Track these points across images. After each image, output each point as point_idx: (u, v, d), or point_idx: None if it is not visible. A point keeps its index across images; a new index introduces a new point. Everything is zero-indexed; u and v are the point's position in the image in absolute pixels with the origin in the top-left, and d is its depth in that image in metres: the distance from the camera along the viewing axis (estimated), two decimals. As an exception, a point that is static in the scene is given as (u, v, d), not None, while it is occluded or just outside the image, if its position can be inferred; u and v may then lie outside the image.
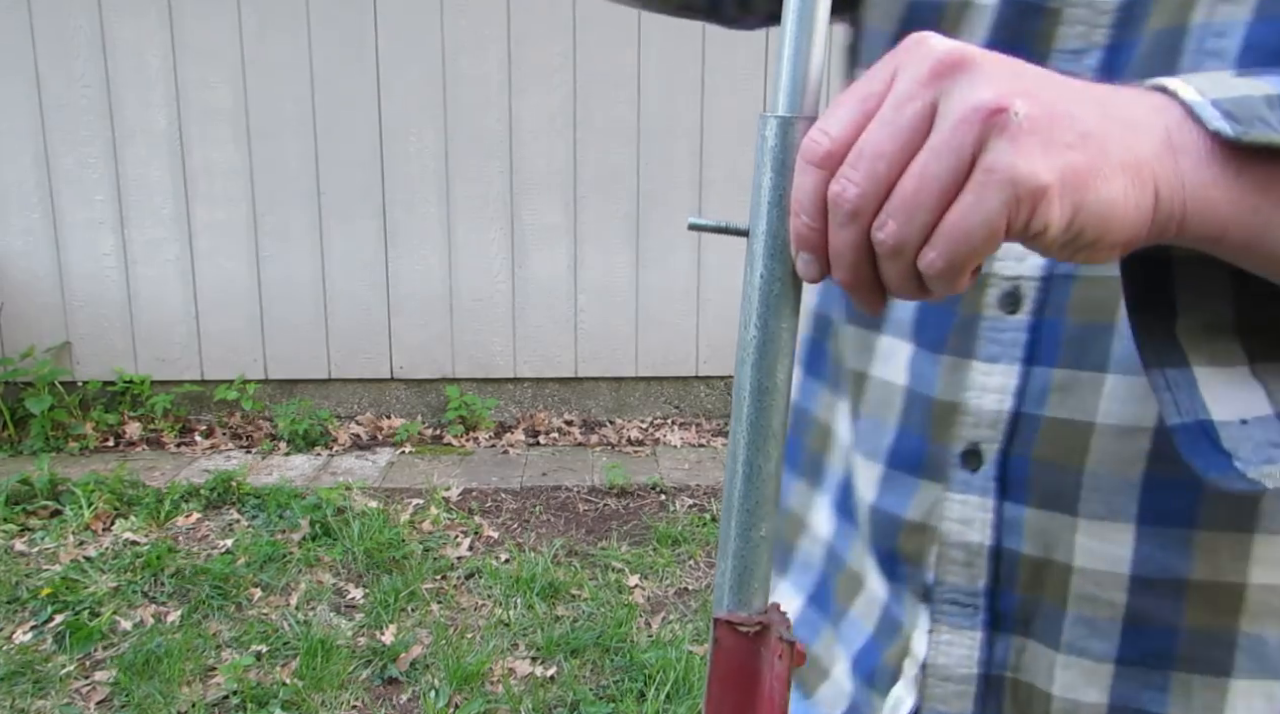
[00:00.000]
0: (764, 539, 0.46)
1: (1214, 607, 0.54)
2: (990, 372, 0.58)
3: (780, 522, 0.78)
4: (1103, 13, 0.54)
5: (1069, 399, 0.55)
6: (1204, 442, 0.46)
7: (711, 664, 0.47)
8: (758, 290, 0.44)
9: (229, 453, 3.89)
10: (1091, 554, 0.56)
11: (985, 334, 0.58)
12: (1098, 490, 0.55)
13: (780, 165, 0.44)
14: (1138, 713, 0.57)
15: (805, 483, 0.76)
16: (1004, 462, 0.58)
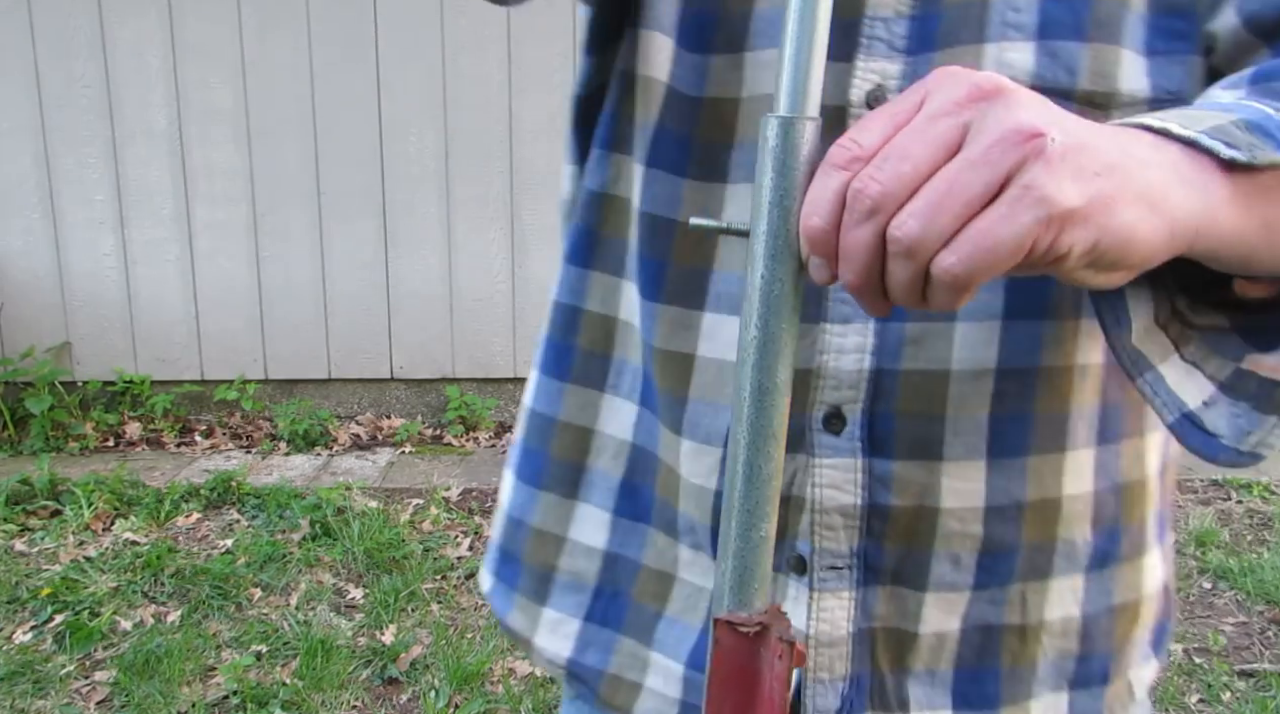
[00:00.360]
0: (764, 539, 0.46)
1: (1041, 521, 0.61)
2: (845, 332, 0.59)
3: (520, 542, 0.75)
4: None
5: (923, 350, 0.58)
6: (1195, 430, 0.49)
7: (711, 665, 0.47)
8: (758, 291, 0.44)
9: (229, 453, 3.89)
10: (956, 494, 0.59)
11: (834, 295, 0.59)
12: (958, 434, 0.59)
13: (781, 165, 0.43)
14: (984, 628, 0.62)
15: (555, 496, 0.72)
16: (869, 420, 0.59)
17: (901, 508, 0.60)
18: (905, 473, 0.59)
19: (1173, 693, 2.39)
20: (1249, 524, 3.34)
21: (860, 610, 0.62)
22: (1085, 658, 0.65)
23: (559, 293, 0.72)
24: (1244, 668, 2.50)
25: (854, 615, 0.62)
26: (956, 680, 0.63)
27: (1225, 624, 2.72)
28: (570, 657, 0.72)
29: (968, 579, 0.61)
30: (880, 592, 0.62)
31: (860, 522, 0.60)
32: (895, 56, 0.57)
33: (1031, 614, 0.63)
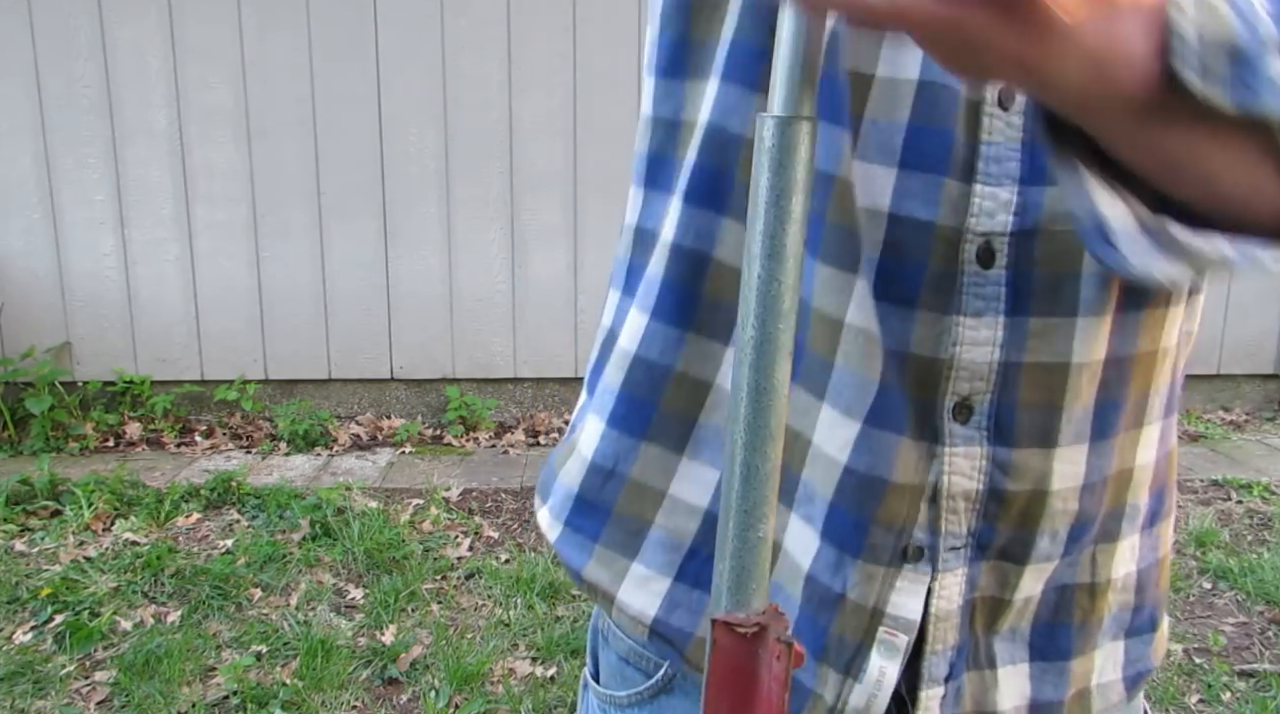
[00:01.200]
0: (762, 540, 0.46)
1: (1117, 490, 0.65)
2: (977, 325, 0.60)
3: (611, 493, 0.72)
4: None
5: (1046, 343, 0.60)
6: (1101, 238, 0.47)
7: (709, 665, 0.47)
8: (755, 290, 0.44)
9: (229, 453, 3.89)
10: (1063, 476, 0.62)
11: (969, 289, 0.60)
12: (1070, 421, 0.62)
13: (778, 165, 0.43)
14: (1060, 588, 0.67)
15: (660, 449, 0.69)
16: (994, 410, 0.61)
17: (1016, 493, 0.62)
18: (1022, 460, 0.62)
19: (1173, 693, 2.39)
20: (1249, 524, 3.33)
21: (968, 584, 0.65)
22: (1139, 608, 0.71)
23: (678, 235, 0.67)
24: (1244, 668, 2.50)
25: (964, 590, 0.64)
26: (1034, 635, 0.68)
27: (1225, 624, 2.71)
28: (656, 616, 0.70)
29: (1059, 550, 0.65)
30: (984, 566, 0.65)
31: (979, 505, 0.63)
32: None
33: (1100, 573, 0.68)
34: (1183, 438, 4.18)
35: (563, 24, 3.96)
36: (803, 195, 0.44)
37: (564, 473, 0.76)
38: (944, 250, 0.60)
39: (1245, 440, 4.17)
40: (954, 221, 0.59)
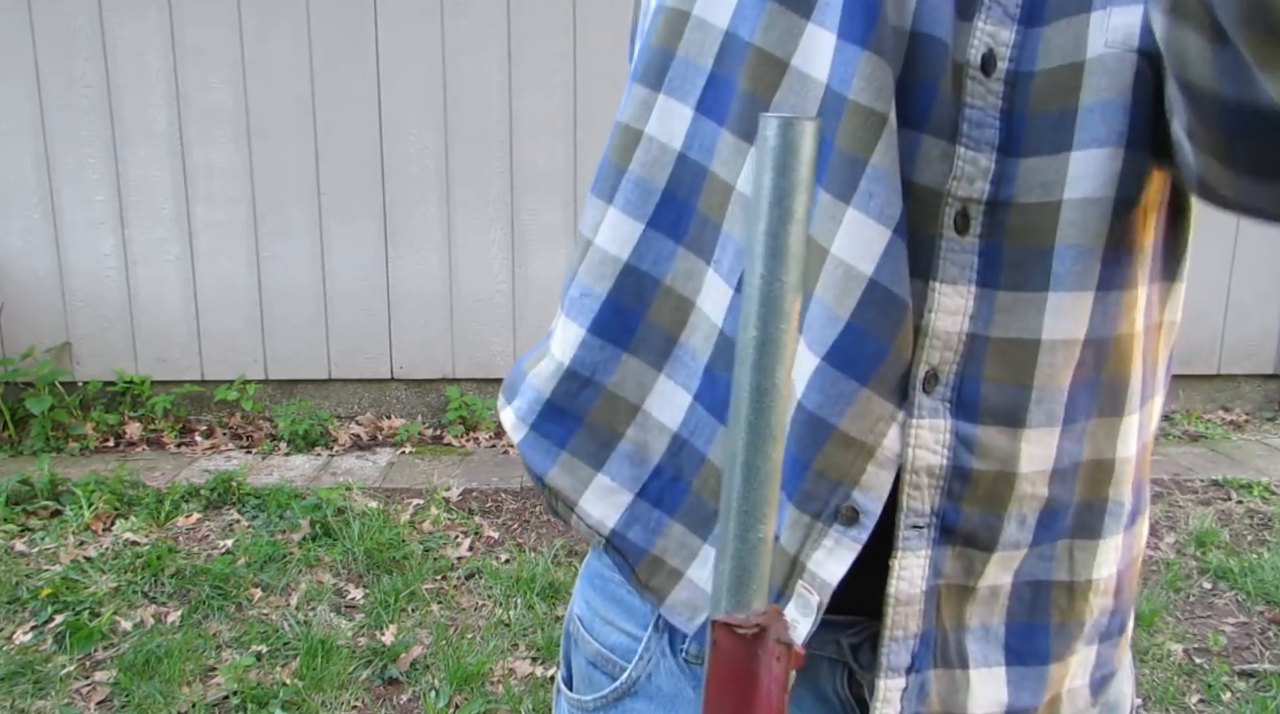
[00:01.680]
0: (762, 541, 0.46)
1: (1095, 482, 0.63)
2: (950, 293, 0.59)
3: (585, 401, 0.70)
4: None
5: (1015, 319, 0.58)
6: None
7: (709, 666, 0.47)
8: (757, 290, 0.44)
9: (229, 453, 3.89)
10: (1032, 458, 0.60)
11: (946, 255, 0.58)
12: (1040, 402, 0.59)
13: (780, 165, 0.43)
14: (1034, 584, 0.64)
15: (640, 362, 0.68)
16: (959, 383, 0.59)
17: (982, 472, 0.60)
18: (988, 438, 0.60)
19: (1173, 693, 2.39)
20: (1249, 524, 3.33)
21: (931, 569, 0.62)
22: (1114, 612, 0.68)
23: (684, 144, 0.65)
24: (1244, 668, 2.50)
25: (927, 574, 0.62)
26: (1009, 635, 0.65)
27: (1225, 624, 2.71)
28: (614, 528, 0.69)
29: (1028, 537, 0.62)
30: (949, 551, 0.62)
31: (943, 483, 0.60)
32: (1008, 23, 0.57)
33: (1080, 572, 0.64)
34: (1183, 438, 4.18)
35: (563, 24, 3.96)
36: (805, 195, 0.44)
37: (534, 375, 0.73)
38: (924, 211, 0.59)
39: (1245, 440, 4.17)
40: (935, 183, 0.58)
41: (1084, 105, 0.56)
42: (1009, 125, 0.58)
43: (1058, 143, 0.57)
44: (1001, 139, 0.58)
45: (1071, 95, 0.56)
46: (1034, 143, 0.57)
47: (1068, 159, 0.57)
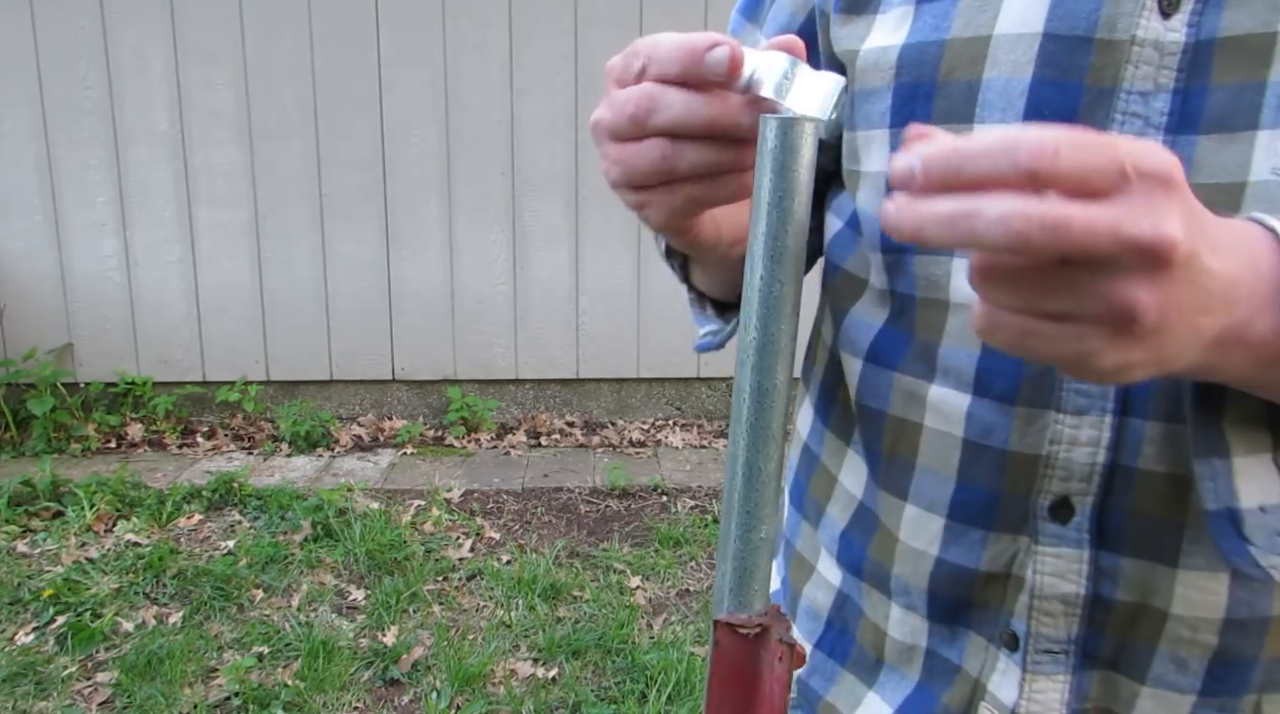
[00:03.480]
0: (764, 541, 0.46)
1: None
2: (1079, 424, 0.57)
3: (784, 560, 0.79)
4: (1170, 54, 0.53)
5: (1166, 452, 0.55)
6: (1229, 527, 0.48)
7: (711, 666, 0.47)
8: (757, 292, 0.44)
9: (231, 454, 3.89)
10: (1189, 602, 0.56)
11: (1069, 385, 0.57)
12: (1198, 543, 0.55)
13: (780, 167, 0.43)
14: None
15: (810, 526, 0.75)
16: (1099, 513, 0.57)
17: (1127, 603, 0.58)
18: (1135, 571, 0.57)
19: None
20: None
21: (1074, 694, 0.61)
22: None
23: None
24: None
25: (1068, 699, 0.61)
26: None
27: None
28: (801, 677, 0.76)
29: (1194, 684, 0.58)
30: (1095, 675, 0.60)
31: (1082, 610, 0.59)
32: (1152, 134, 0.53)
33: None
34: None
35: (564, 25, 3.96)
36: (804, 197, 0.44)
37: None
38: None
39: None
40: None
41: None
42: None
43: None
44: None
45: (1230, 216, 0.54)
46: None
47: None
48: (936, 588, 0.64)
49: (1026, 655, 0.60)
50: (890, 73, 0.61)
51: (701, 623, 2.70)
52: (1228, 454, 0.47)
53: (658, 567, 3.00)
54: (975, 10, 0.58)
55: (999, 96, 0.56)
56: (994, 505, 0.60)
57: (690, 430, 4.21)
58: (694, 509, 3.43)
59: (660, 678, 2.39)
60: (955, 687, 0.65)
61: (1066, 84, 0.54)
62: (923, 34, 0.60)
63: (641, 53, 0.47)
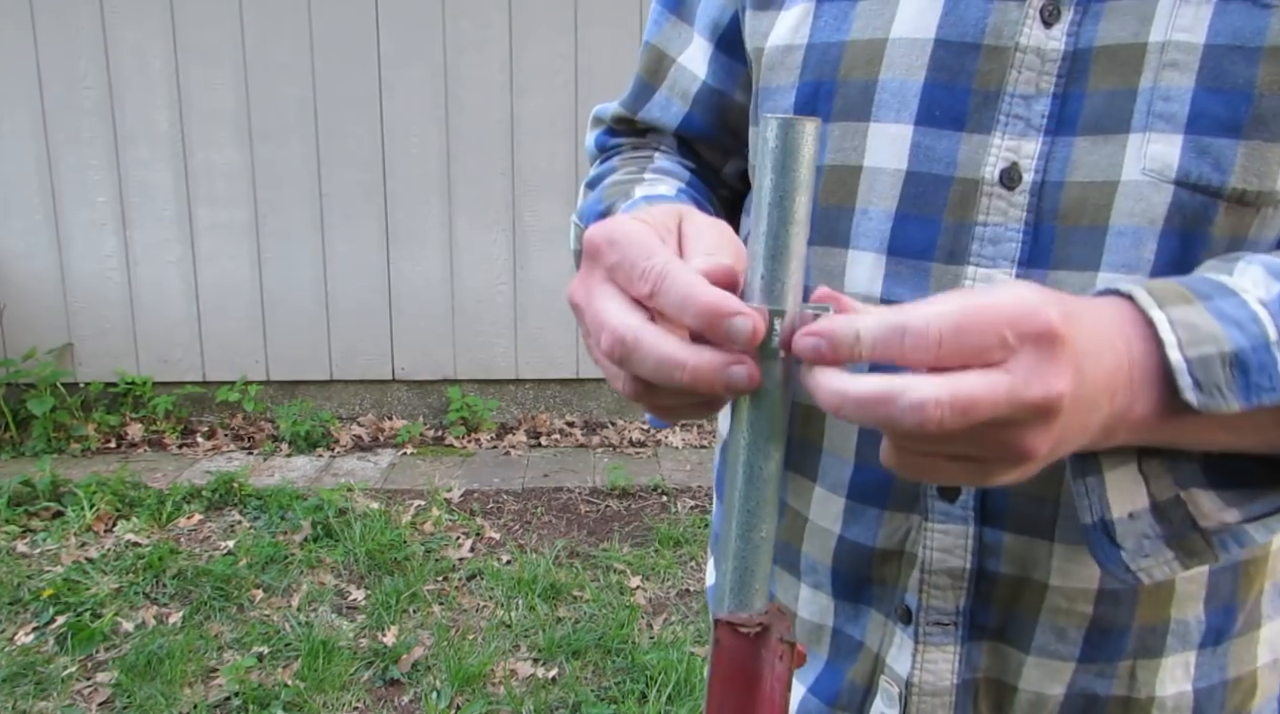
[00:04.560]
0: (764, 540, 0.46)
1: (1155, 603, 0.62)
2: None
3: None
4: (1051, 60, 0.57)
5: None
6: (1103, 537, 0.52)
7: (712, 665, 0.47)
8: (758, 292, 0.44)
9: (231, 454, 3.89)
10: (1066, 574, 0.61)
11: None
12: (1072, 519, 0.59)
13: (780, 167, 0.43)
14: (1090, 697, 0.64)
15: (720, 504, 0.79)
16: (983, 492, 0.61)
17: (1009, 576, 0.62)
18: (1016, 546, 0.61)
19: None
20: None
21: (964, 663, 0.64)
22: None
23: None
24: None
25: (958, 668, 0.64)
26: None
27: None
28: None
29: (1073, 651, 0.62)
30: (984, 645, 0.64)
31: (969, 584, 0.63)
32: (1032, 135, 0.57)
33: (1141, 689, 0.63)
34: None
35: (564, 25, 3.96)
36: (805, 196, 0.44)
37: None
38: None
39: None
40: None
41: (1114, 227, 0.56)
42: (1035, 237, 0.58)
43: (1085, 260, 0.57)
44: (1023, 253, 0.58)
45: (1103, 213, 0.56)
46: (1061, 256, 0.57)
47: (1094, 279, 0.57)
48: (840, 565, 0.67)
49: (919, 628, 0.64)
50: (795, 72, 0.65)
51: (702, 622, 2.70)
52: (1099, 470, 0.51)
53: (658, 567, 3.00)
54: (872, 14, 0.62)
55: (893, 97, 0.60)
56: (888, 485, 0.64)
57: (690, 430, 4.21)
58: (694, 509, 3.43)
59: (660, 678, 2.40)
60: (859, 662, 0.68)
61: (956, 87, 0.58)
62: (824, 34, 0.63)
63: (650, 275, 0.45)
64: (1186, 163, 0.54)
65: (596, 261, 0.50)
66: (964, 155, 0.58)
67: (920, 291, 0.60)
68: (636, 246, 0.47)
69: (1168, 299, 0.47)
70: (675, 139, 0.80)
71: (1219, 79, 0.53)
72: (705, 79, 0.75)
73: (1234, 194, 0.54)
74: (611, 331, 0.47)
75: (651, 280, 0.45)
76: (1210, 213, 0.55)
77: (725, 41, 0.73)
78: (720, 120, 0.76)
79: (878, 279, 0.62)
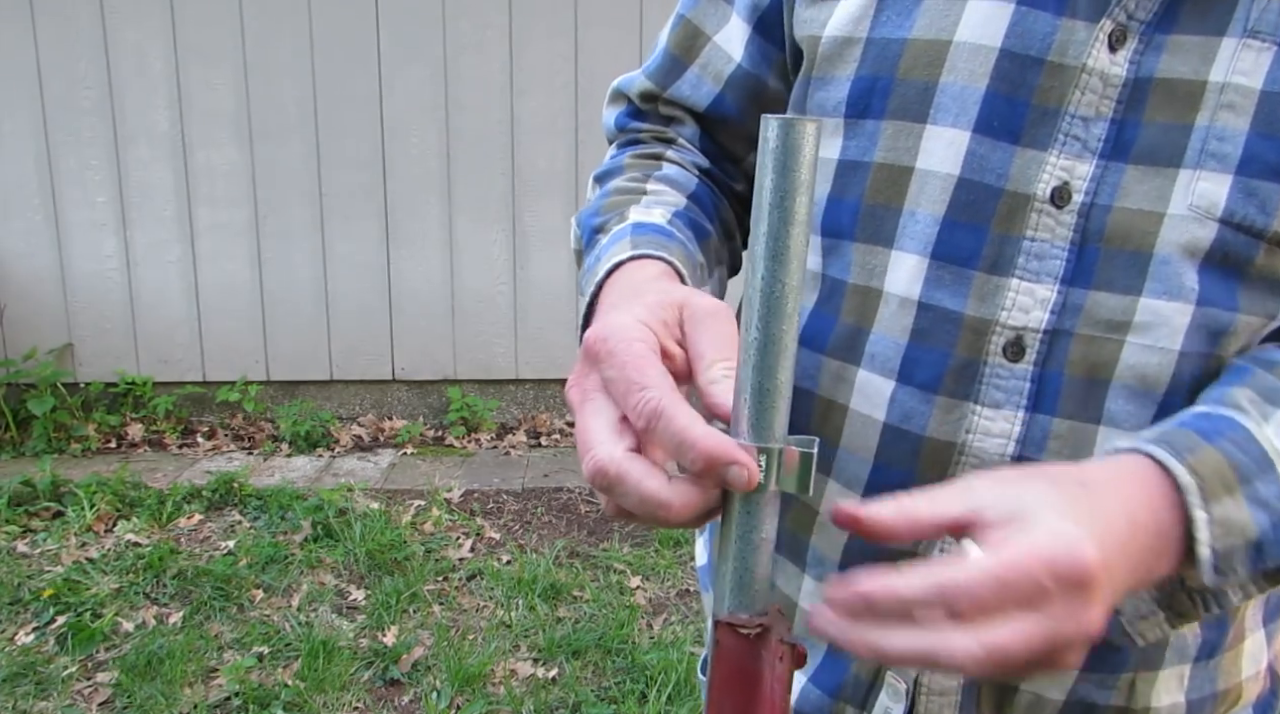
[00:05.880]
0: (765, 541, 0.46)
1: None
2: (994, 416, 0.61)
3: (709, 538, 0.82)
4: (1113, 85, 0.57)
5: (1066, 447, 0.60)
6: None
7: (712, 665, 0.47)
8: (759, 292, 0.44)
9: (231, 454, 3.89)
10: None
11: (989, 380, 0.60)
12: None
13: (782, 167, 0.43)
14: (1088, 705, 0.65)
15: None
16: None
17: None
18: None
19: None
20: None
21: None
22: None
23: None
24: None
25: None
26: None
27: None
28: None
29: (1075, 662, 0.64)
30: None
31: None
32: (1087, 157, 0.58)
33: (1139, 700, 0.65)
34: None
35: (564, 25, 3.96)
36: (806, 196, 0.44)
37: None
38: (971, 341, 0.61)
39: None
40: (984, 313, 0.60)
41: (1159, 255, 0.57)
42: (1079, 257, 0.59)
43: (1127, 284, 0.58)
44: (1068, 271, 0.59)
45: (1148, 239, 0.57)
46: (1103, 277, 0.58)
47: (1136, 304, 0.57)
48: (849, 561, 0.68)
49: None
50: (852, 65, 0.64)
51: (702, 623, 2.70)
52: None
53: (658, 567, 3.00)
54: (938, 13, 0.61)
55: (954, 101, 0.60)
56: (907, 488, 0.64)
57: (690, 430, 4.21)
58: (694, 509, 3.43)
59: (660, 678, 2.40)
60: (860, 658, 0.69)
61: (1016, 100, 0.59)
62: (886, 29, 0.63)
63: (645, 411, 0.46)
64: (1233, 203, 0.55)
65: (594, 367, 0.50)
66: (1016, 169, 0.59)
67: (960, 299, 0.60)
68: (634, 368, 0.47)
69: (1213, 493, 0.49)
70: (698, 125, 0.78)
71: (1272, 125, 0.54)
72: (740, 62, 0.73)
73: (1275, 237, 0.55)
74: (595, 462, 0.46)
75: (646, 416, 0.46)
76: (1251, 253, 0.56)
77: (764, 25, 0.72)
78: (752, 105, 0.75)
79: (918, 282, 0.62)
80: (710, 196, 0.76)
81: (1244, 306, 0.57)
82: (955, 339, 0.61)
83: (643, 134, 0.81)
